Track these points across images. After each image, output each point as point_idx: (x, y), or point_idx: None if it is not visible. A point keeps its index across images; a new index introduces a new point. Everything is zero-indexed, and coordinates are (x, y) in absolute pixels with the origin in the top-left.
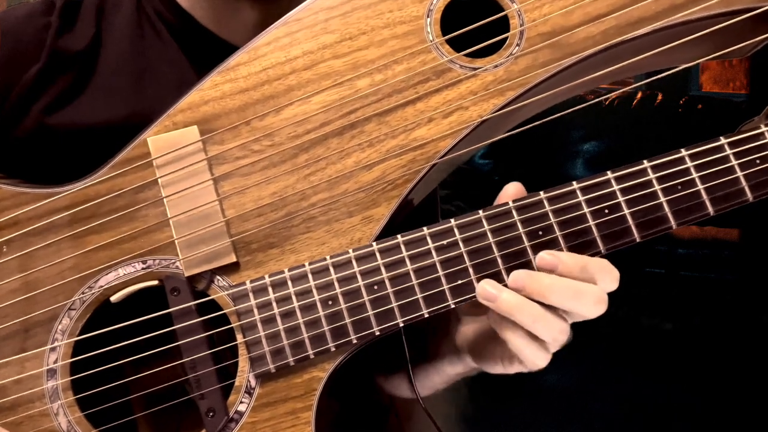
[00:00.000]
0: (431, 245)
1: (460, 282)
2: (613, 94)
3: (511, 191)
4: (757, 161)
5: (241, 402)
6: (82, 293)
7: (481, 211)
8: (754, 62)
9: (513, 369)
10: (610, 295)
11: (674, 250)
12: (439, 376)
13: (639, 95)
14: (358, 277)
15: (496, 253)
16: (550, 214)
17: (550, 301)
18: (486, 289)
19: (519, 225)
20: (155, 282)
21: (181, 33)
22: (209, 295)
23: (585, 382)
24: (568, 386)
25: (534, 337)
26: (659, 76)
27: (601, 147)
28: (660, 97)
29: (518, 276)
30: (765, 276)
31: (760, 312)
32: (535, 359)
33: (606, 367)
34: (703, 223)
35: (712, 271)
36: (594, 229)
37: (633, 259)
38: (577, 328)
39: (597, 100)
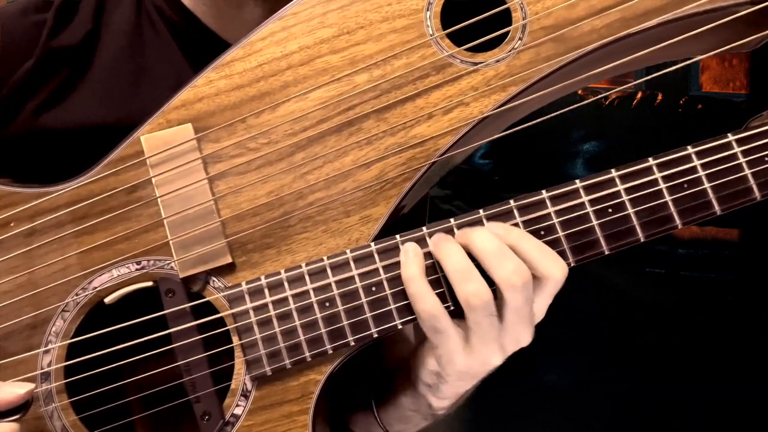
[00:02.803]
0: (431, 246)
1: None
2: (612, 93)
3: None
4: (766, 159)
5: (237, 405)
6: (76, 295)
7: (481, 211)
8: (754, 62)
9: (432, 364)
10: (611, 294)
11: (674, 250)
12: (396, 411)
13: (639, 95)
14: (356, 278)
15: None
16: (553, 214)
17: (475, 249)
18: (438, 241)
19: (521, 225)
20: (150, 283)
21: (182, 31)
22: (204, 297)
23: (585, 381)
24: (568, 386)
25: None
26: (659, 74)
27: (601, 147)
28: (660, 97)
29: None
30: (765, 276)
31: (761, 311)
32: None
33: (606, 366)
34: (704, 223)
35: (712, 271)
36: (597, 228)
37: (633, 259)
38: (577, 328)
39: (597, 99)
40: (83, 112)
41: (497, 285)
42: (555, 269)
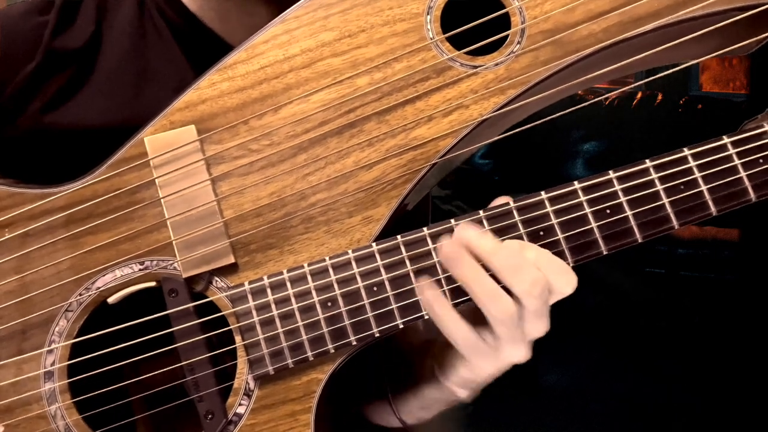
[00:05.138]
0: (431, 246)
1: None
2: (612, 94)
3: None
4: (761, 161)
5: (240, 404)
6: (79, 295)
7: (481, 212)
8: (754, 62)
9: (464, 372)
10: (611, 294)
11: (674, 250)
12: (417, 400)
13: (639, 95)
14: (358, 278)
15: None
16: (552, 215)
17: (492, 264)
18: (451, 250)
19: (520, 225)
20: (153, 283)
21: (184, 34)
22: (207, 297)
23: (585, 382)
24: (568, 386)
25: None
26: (659, 75)
27: (601, 147)
28: (660, 97)
29: (471, 231)
30: (765, 276)
31: (761, 311)
32: (485, 350)
33: (606, 367)
34: (703, 223)
35: (712, 271)
36: (596, 229)
37: (633, 259)
38: (577, 328)
39: (597, 99)
40: (86, 113)
41: (517, 296)
42: (568, 287)
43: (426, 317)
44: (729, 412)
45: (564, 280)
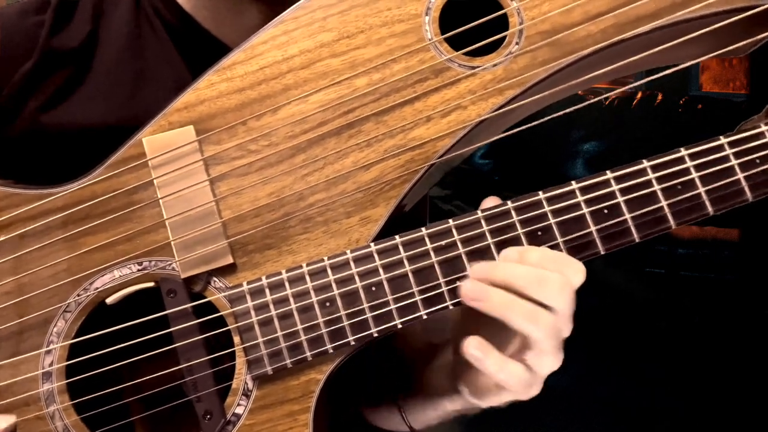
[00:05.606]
0: (429, 246)
1: (458, 284)
2: (612, 94)
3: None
4: (757, 161)
5: (239, 404)
6: (78, 295)
7: (479, 212)
8: (754, 62)
9: (503, 396)
10: (611, 294)
11: (674, 250)
12: (436, 412)
13: (639, 95)
14: (356, 278)
15: (496, 255)
16: (549, 215)
17: (515, 286)
18: (470, 289)
19: (518, 225)
20: (151, 284)
21: (180, 34)
22: (206, 297)
23: (585, 382)
24: (568, 386)
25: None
26: (659, 75)
27: (601, 147)
28: (660, 97)
29: (479, 267)
30: (765, 276)
31: (761, 311)
32: (503, 366)
33: (606, 367)
34: (703, 223)
35: (712, 271)
36: (593, 229)
37: (633, 259)
38: (577, 328)
39: (597, 99)
40: (84, 113)
41: (550, 306)
42: (579, 276)
43: (424, 317)
44: (729, 411)
45: (572, 271)
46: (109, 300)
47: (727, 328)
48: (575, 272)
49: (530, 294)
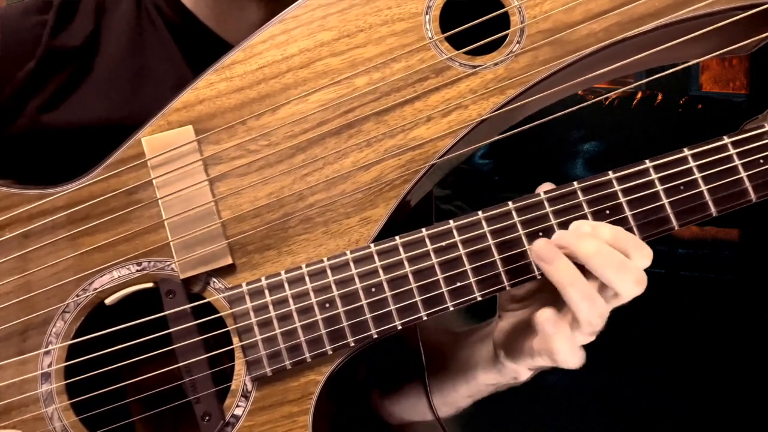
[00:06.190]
0: (430, 247)
1: (458, 284)
2: (612, 94)
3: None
4: (761, 161)
5: (238, 406)
6: (76, 296)
7: (480, 212)
8: (754, 62)
9: (541, 362)
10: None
11: (674, 250)
12: (467, 387)
13: (639, 95)
14: (356, 279)
15: (496, 256)
16: (551, 215)
17: (591, 264)
18: (543, 248)
19: (519, 226)
20: (150, 284)
21: (181, 31)
22: (205, 298)
23: (585, 382)
24: (568, 386)
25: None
26: (659, 75)
27: (601, 147)
28: (660, 97)
29: (563, 234)
30: (765, 276)
31: (761, 311)
32: (570, 346)
33: (606, 367)
34: (703, 223)
35: (712, 271)
36: None
37: None
38: None
39: (597, 99)
40: (85, 112)
41: (617, 292)
42: (646, 260)
43: (424, 318)
44: (729, 411)
45: (641, 255)
46: (108, 300)
47: (727, 328)
48: (643, 257)
49: (606, 275)
